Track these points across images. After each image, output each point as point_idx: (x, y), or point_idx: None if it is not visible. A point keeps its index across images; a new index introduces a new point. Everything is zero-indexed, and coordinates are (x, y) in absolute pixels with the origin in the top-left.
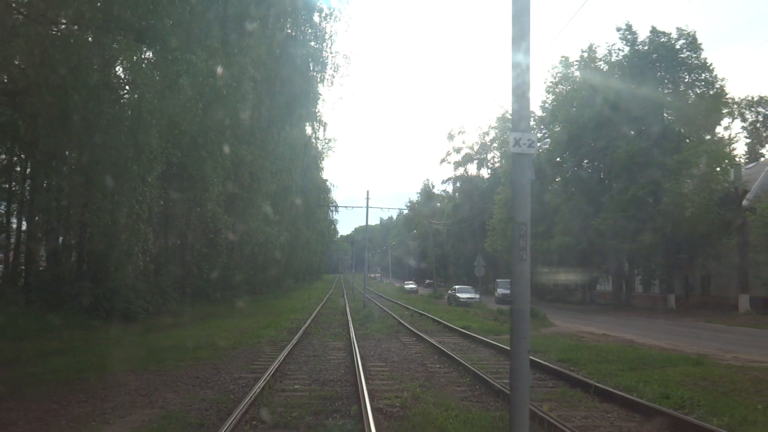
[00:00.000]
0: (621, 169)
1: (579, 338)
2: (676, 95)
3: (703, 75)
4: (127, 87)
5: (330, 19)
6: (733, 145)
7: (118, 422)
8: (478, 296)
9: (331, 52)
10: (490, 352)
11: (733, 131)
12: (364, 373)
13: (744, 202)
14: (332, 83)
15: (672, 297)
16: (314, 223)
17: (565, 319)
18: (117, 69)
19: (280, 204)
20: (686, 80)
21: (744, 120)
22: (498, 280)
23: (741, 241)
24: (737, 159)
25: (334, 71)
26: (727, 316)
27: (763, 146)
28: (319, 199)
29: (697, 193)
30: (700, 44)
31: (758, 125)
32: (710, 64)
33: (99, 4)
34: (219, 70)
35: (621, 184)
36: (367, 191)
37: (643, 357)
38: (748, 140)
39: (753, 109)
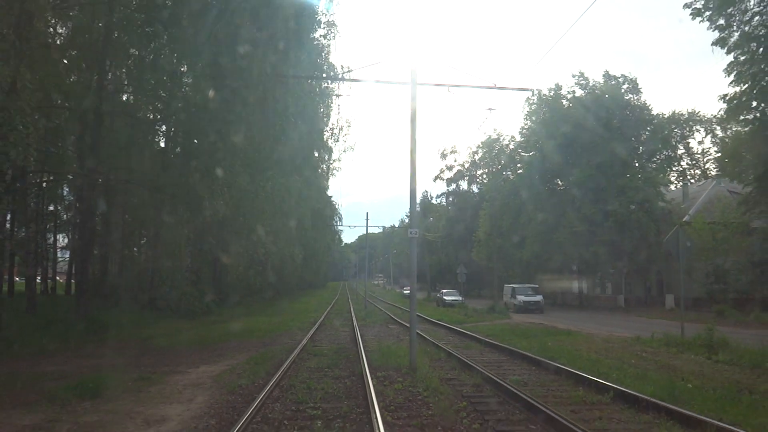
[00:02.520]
0: (576, 190)
1: (517, 325)
2: (622, 130)
3: (644, 114)
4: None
5: (336, 81)
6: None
7: (238, 357)
8: (460, 298)
9: (338, 114)
10: (445, 331)
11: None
12: (361, 339)
13: (686, 217)
14: (338, 140)
15: (621, 297)
16: (321, 237)
17: (523, 315)
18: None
19: (297, 225)
20: (630, 116)
21: (714, 136)
22: (514, 285)
23: (666, 252)
24: (692, 180)
25: (339, 131)
26: (657, 311)
27: None
28: (326, 215)
29: (635, 212)
30: (640, 88)
31: (727, 141)
32: (649, 105)
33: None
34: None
35: (577, 203)
36: (367, 213)
37: (542, 332)
38: (719, 154)
39: (723, 125)
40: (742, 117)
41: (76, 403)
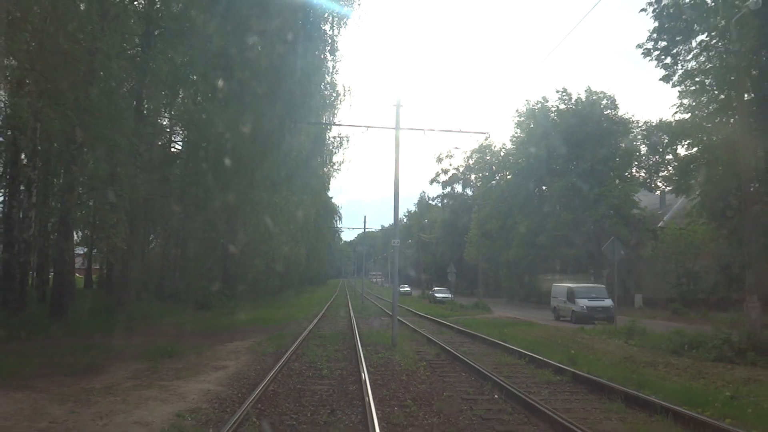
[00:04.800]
0: (557, 197)
1: (493, 319)
2: (600, 142)
3: (620, 127)
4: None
5: (338, 97)
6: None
7: (259, 336)
8: (450, 296)
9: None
10: (429, 322)
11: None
12: (356, 326)
13: (660, 223)
14: (338, 151)
15: None
16: (322, 236)
17: (505, 311)
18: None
19: (302, 228)
20: (607, 129)
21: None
22: (570, 285)
23: (635, 256)
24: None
25: (339, 143)
26: (626, 310)
27: None
28: (327, 215)
29: (610, 218)
30: (617, 104)
31: (675, 161)
32: (628, 118)
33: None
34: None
35: (558, 209)
36: (365, 216)
37: (509, 324)
38: (670, 172)
39: (669, 148)
40: (686, 142)
41: (161, 359)
